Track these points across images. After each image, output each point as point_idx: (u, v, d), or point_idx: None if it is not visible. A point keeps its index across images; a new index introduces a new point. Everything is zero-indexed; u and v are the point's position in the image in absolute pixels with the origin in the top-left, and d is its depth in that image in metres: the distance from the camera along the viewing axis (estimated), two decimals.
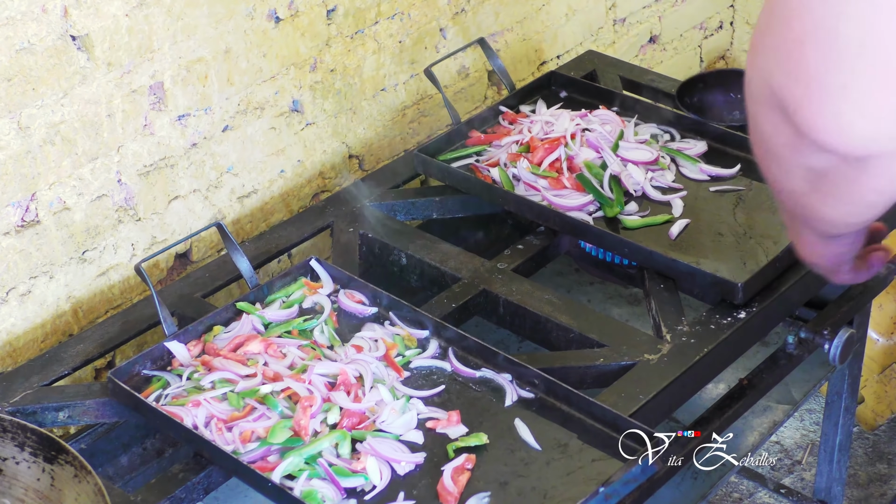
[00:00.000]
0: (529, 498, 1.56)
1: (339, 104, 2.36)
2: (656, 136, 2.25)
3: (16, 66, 1.81)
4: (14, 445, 1.56)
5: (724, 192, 2.12)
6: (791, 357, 2.03)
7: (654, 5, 3.07)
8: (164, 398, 1.72)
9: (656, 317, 1.89)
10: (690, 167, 2.17)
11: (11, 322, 1.94)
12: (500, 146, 2.22)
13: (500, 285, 1.95)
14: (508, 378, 1.74)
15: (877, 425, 2.99)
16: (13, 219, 1.89)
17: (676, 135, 2.26)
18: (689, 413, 2.02)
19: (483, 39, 2.37)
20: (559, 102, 2.37)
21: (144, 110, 2.02)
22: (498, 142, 2.23)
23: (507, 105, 2.34)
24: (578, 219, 2.03)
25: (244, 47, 2.13)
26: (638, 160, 2.16)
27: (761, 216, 2.05)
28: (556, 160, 2.15)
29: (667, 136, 2.26)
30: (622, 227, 2.04)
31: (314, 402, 1.67)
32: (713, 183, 2.14)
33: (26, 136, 1.86)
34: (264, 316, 1.86)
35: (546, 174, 2.12)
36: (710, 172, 2.16)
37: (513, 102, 2.35)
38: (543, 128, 2.24)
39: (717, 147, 2.22)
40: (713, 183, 2.14)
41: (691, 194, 2.11)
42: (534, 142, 2.20)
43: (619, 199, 2.07)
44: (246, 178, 2.23)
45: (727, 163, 2.17)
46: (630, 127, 2.24)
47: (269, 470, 1.58)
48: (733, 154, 2.19)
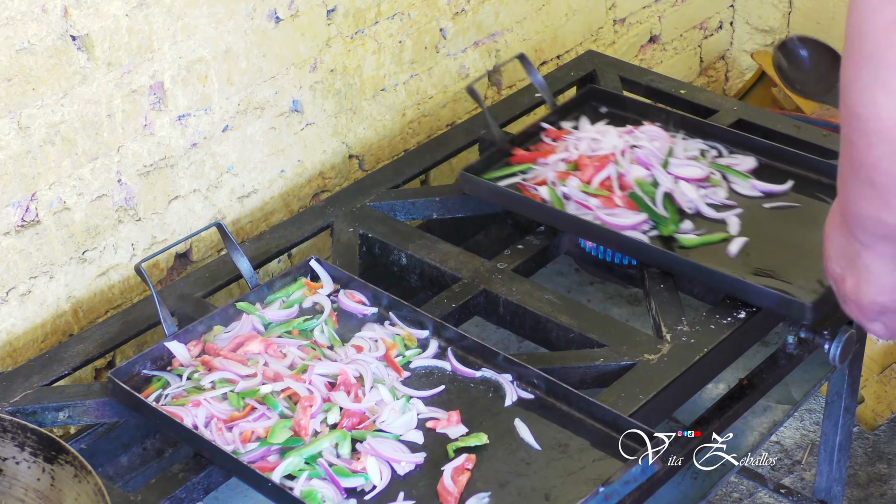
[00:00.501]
0: (529, 498, 1.56)
1: (339, 104, 2.36)
2: (703, 152, 2.20)
3: (16, 66, 1.81)
4: (14, 445, 1.56)
5: (779, 209, 2.07)
6: (791, 357, 2.03)
7: (654, 5, 3.07)
8: (164, 398, 1.72)
9: (656, 317, 1.89)
10: (742, 183, 2.12)
11: (11, 322, 1.94)
12: (546, 164, 2.16)
13: (500, 285, 1.95)
14: (508, 378, 1.74)
15: (877, 425, 2.99)
16: (13, 219, 1.89)
17: (723, 150, 2.20)
18: (689, 413, 2.02)
19: (523, 55, 2.30)
20: (600, 118, 2.31)
21: (144, 110, 2.02)
22: (543, 159, 2.17)
23: (549, 122, 2.27)
24: (634, 238, 1.98)
25: (244, 47, 2.13)
26: (689, 177, 2.11)
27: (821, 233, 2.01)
28: (607, 178, 2.09)
29: (714, 152, 2.21)
30: (678, 245, 1.98)
31: (314, 402, 1.67)
32: (767, 199, 2.09)
33: (26, 136, 1.86)
34: (264, 316, 1.86)
35: (597, 192, 2.06)
36: (763, 189, 2.11)
37: (554, 119, 2.28)
38: (591, 145, 2.18)
39: (765, 162, 2.17)
40: (767, 199, 2.09)
41: (746, 211, 2.06)
42: (582, 159, 2.13)
43: (674, 217, 2.02)
44: (246, 178, 2.23)
45: (778, 178, 2.13)
46: (679, 143, 2.19)
47: (269, 470, 1.58)
48: (783, 169, 2.15)
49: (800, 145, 2.23)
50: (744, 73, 3.45)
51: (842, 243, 1.43)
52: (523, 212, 2.11)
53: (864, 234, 1.37)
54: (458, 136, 2.35)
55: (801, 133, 2.29)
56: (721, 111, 2.36)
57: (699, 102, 2.40)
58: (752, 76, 3.34)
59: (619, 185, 2.08)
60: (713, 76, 3.41)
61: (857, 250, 1.40)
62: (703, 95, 2.43)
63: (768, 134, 2.27)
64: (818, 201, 2.08)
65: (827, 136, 2.29)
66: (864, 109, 1.23)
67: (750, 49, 3.41)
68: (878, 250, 1.37)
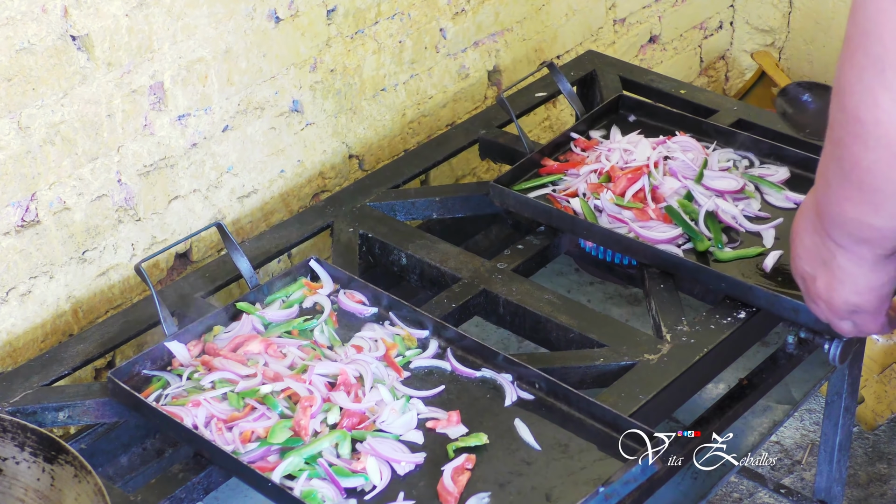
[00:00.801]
0: (529, 498, 1.56)
1: (339, 104, 2.36)
2: (735, 162, 2.18)
3: (16, 66, 1.81)
4: (14, 445, 1.56)
5: None
6: (791, 357, 2.03)
7: (654, 5, 3.07)
8: (164, 398, 1.72)
9: (656, 317, 1.89)
10: (775, 195, 2.09)
11: (11, 322, 1.94)
12: (576, 175, 2.13)
13: (500, 285, 1.95)
14: (508, 378, 1.74)
15: (877, 425, 2.99)
16: (13, 219, 1.89)
17: (755, 160, 2.18)
18: (689, 413, 2.02)
19: (552, 63, 2.29)
20: (629, 127, 2.28)
21: (144, 110, 2.02)
22: (574, 170, 2.15)
23: (578, 131, 2.25)
24: (669, 252, 1.96)
25: (244, 47, 2.13)
26: (724, 189, 2.08)
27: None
28: (640, 190, 2.07)
29: (745, 162, 2.18)
30: (713, 259, 1.96)
31: (314, 402, 1.67)
32: None
33: (26, 136, 1.86)
34: (264, 316, 1.86)
35: (631, 205, 2.04)
36: (797, 200, 2.07)
37: (583, 128, 2.26)
38: (623, 156, 2.15)
39: (797, 172, 2.14)
40: None
41: (781, 224, 2.03)
42: (614, 171, 2.10)
43: (718, 236, 1.99)
44: (246, 178, 2.23)
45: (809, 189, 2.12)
46: (713, 154, 2.17)
47: (269, 470, 1.58)
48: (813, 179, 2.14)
49: (800, 145, 2.23)
50: (744, 73, 3.45)
51: (815, 242, 1.43)
52: (553, 224, 2.07)
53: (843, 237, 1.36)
54: (458, 136, 2.35)
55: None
56: (721, 111, 2.35)
57: (699, 102, 2.40)
58: (752, 76, 3.34)
59: (652, 198, 2.06)
60: (713, 76, 3.41)
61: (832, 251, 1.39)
62: (703, 95, 2.43)
63: (768, 134, 2.26)
64: None
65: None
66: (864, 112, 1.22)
67: (750, 49, 3.41)
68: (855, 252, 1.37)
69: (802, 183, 2.13)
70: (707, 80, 3.39)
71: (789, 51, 3.42)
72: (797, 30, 3.37)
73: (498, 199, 2.11)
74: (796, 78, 3.35)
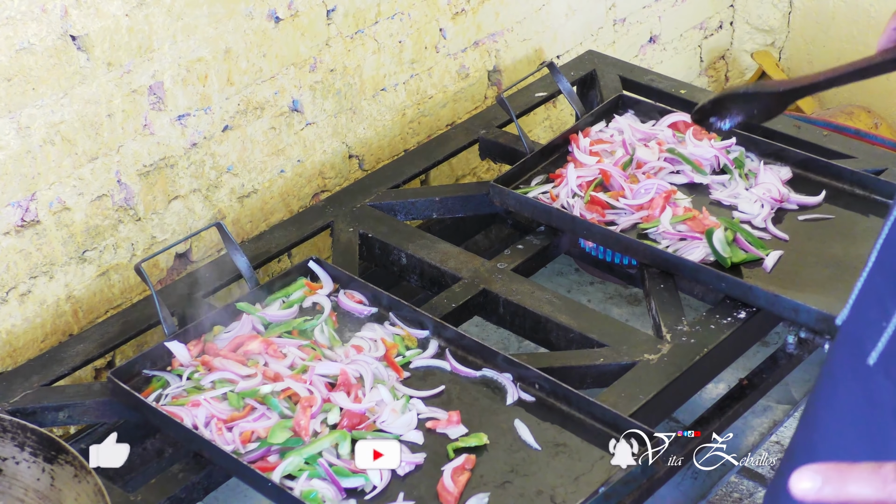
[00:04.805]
0: (529, 498, 1.56)
1: (339, 104, 2.36)
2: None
3: (16, 66, 1.81)
4: (14, 445, 1.56)
5: (813, 222, 2.06)
6: (791, 357, 2.03)
7: (654, 5, 3.07)
8: (164, 398, 1.72)
9: (656, 317, 1.89)
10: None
11: (11, 322, 1.94)
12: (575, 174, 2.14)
13: (500, 285, 1.95)
14: (509, 378, 1.74)
15: None
16: (13, 219, 1.89)
17: (757, 160, 2.20)
18: (689, 413, 2.02)
19: (552, 63, 2.30)
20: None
21: (144, 110, 2.02)
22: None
23: (577, 129, 2.26)
24: (669, 252, 1.96)
25: (244, 47, 2.13)
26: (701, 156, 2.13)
27: (855, 246, 1.98)
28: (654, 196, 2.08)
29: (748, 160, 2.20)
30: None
31: (314, 402, 1.67)
32: (801, 212, 2.07)
33: (26, 136, 1.86)
34: (264, 316, 1.86)
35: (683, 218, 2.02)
36: (797, 201, 2.10)
37: (582, 125, 2.27)
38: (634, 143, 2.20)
39: (798, 172, 2.16)
40: (801, 212, 2.07)
41: (781, 224, 2.05)
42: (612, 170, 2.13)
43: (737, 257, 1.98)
44: (246, 177, 2.23)
45: (811, 189, 2.11)
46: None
47: (269, 470, 1.58)
48: (815, 180, 2.14)
49: (800, 145, 2.23)
50: (744, 73, 3.45)
51: None
52: (552, 223, 2.08)
53: None
54: (458, 136, 2.35)
55: (801, 133, 2.29)
56: None
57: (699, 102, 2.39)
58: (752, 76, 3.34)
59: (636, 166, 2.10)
60: (713, 76, 3.41)
61: None
62: (703, 95, 2.43)
63: (769, 134, 2.26)
64: (850, 212, 2.06)
65: (827, 136, 2.28)
66: None
67: (750, 49, 3.41)
68: None
69: (802, 183, 2.14)
70: (707, 79, 3.39)
71: (789, 51, 3.42)
72: (797, 30, 3.37)
73: (498, 199, 2.12)
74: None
